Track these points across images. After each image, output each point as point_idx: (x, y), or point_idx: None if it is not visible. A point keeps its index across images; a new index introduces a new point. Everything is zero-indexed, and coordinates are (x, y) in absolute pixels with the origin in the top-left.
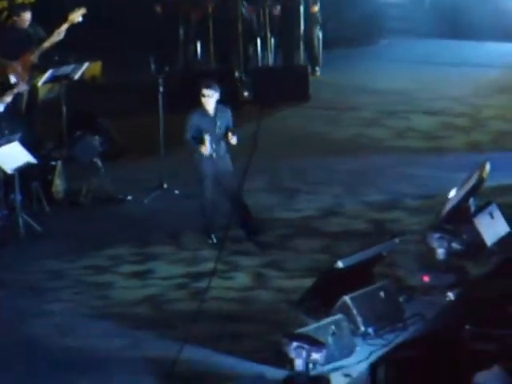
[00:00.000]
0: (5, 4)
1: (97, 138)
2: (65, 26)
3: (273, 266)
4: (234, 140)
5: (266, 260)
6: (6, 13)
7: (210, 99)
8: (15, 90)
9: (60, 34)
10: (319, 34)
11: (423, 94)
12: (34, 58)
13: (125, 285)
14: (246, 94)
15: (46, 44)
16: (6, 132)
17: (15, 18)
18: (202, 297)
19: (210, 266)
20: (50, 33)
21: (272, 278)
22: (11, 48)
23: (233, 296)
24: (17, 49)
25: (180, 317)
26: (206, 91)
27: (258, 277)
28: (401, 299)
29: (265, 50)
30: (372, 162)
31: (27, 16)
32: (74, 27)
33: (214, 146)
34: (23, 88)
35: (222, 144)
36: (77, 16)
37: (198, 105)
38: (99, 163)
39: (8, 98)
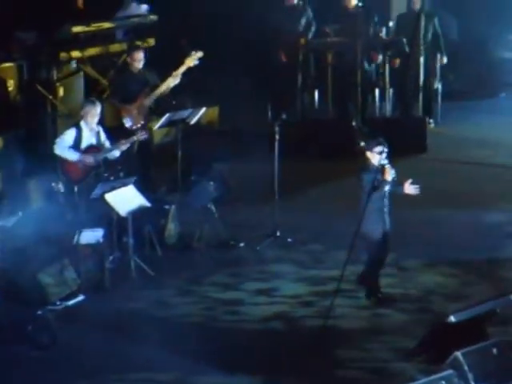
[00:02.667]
0: (124, 47)
1: (211, 183)
2: (181, 70)
3: None
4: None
5: None
6: (124, 55)
7: (384, 154)
8: (134, 138)
9: (176, 77)
10: (439, 85)
11: None
12: (149, 101)
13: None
14: (362, 143)
15: (162, 88)
16: (121, 175)
17: (128, 59)
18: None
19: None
20: (165, 77)
21: None
22: (127, 91)
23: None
24: (132, 92)
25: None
26: (380, 148)
27: None
28: None
29: (382, 100)
30: None
31: (139, 56)
32: (192, 72)
33: (385, 200)
34: (143, 137)
35: (389, 201)
36: (193, 60)
37: (364, 163)
38: (213, 208)
39: (125, 146)
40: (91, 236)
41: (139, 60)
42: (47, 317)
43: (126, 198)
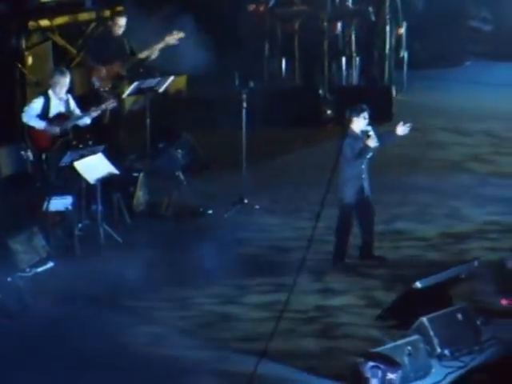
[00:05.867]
0: (93, 15)
1: (180, 151)
2: (159, 46)
3: None
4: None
5: None
6: (93, 24)
7: (367, 120)
8: (103, 106)
9: (153, 52)
10: (404, 54)
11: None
12: (120, 68)
13: None
14: (328, 112)
15: (136, 58)
16: (90, 143)
17: (110, 24)
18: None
19: None
20: (143, 48)
21: None
22: (100, 53)
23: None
24: (107, 55)
25: None
26: (365, 114)
27: None
28: (478, 322)
29: (349, 69)
30: None
31: (121, 21)
32: None
33: (363, 167)
34: (112, 105)
35: (368, 167)
36: (173, 39)
37: (347, 129)
38: (181, 176)
39: (95, 113)
40: (60, 203)
41: (120, 26)
42: (17, 284)
43: (94, 166)
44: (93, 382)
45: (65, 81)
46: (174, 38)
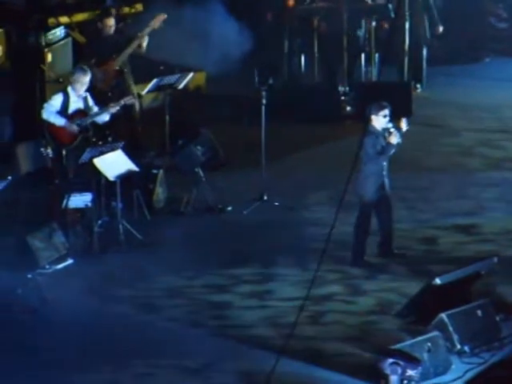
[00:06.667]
0: (114, 12)
1: (199, 147)
2: (146, 31)
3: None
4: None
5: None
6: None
7: (388, 118)
8: (122, 102)
9: (142, 39)
10: (424, 50)
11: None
12: (116, 64)
13: None
14: (348, 108)
15: (128, 50)
16: (110, 140)
17: (99, 24)
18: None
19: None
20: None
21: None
22: (94, 55)
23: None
24: (101, 56)
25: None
26: (385, 111)
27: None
28: (498, 318)
29: (369, 65)
30: None
31: (110, 22)
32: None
33: (384, 164)
34: (131, 101)
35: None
36: (158, 22)
37: (369, 127)
38: (201, 173)
39: (114, 109)
40: (80, 200)
41: (110, 26)
42: (37, 280)
43: (114, 163)
44: (111, 376)
45: (86, 79)
46: (158, 20)
